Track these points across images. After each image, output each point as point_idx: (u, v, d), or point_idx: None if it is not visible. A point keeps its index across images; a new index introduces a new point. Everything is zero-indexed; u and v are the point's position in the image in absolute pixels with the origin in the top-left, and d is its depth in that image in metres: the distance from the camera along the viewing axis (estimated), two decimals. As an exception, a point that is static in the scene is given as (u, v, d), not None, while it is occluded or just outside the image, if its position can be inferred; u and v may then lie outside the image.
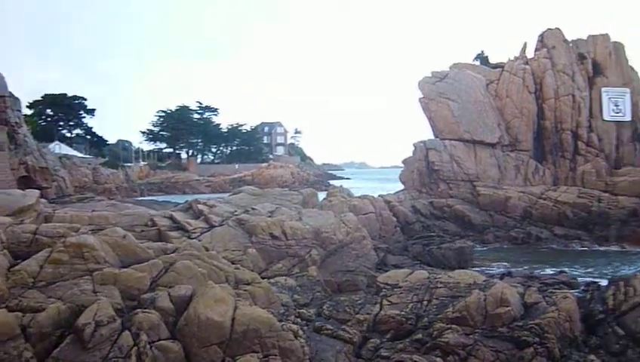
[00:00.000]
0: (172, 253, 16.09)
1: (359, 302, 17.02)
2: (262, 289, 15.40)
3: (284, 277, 19.41)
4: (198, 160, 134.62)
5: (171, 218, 23.16)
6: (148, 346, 11.27)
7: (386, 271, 22.61)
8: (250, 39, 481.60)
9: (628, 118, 48.50)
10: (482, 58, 54.26)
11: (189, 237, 20.93)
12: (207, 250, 18.17)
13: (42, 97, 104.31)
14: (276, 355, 12.14)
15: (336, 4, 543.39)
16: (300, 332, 13.53)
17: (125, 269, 13.87)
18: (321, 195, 37.86)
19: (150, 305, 12.48)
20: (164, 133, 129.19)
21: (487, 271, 27.07)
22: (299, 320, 14.97)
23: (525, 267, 30.05)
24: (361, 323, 15.34)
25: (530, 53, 50.64)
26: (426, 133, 48.40)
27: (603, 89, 48.25)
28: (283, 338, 12.47)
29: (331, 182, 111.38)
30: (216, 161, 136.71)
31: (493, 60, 53.32)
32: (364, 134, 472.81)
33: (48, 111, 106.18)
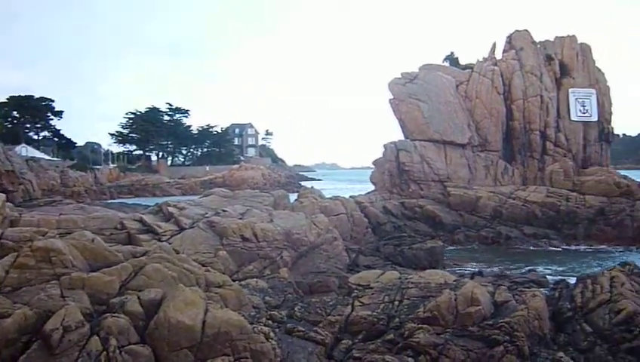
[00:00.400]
0: (142, 256, 15.89)
1: (331, 303, 17.01)
2: (233, 291, 15.30)
3: (255, 280, 19.33)
4: (169, 162, 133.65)
5: (141, 221, 22.94)
6: (117, 351, 11.11)
7: (358, 271, 22.64)
8: (224, 40, 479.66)
9: (594, 118, 49.40)
10: (452, 59, 54.79)
11: (159, 240, 20.75)
12: (177, 252, 17.99)
13: (7, 99, 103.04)
14: (247, 358, 12.05)
15: (307, 5, 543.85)
16: (272, 334, 13.46)
17: (94, 273, 13.66)
18: (293, 197, 37.82)
19: (119, 309, 12.31)
20: (133, 135, 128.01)
21: (458, 271, 27.24)
22: (270, 322, 14.86)
23: (495, 266, 30.29)
24: (332, 324, 15.31)
25: (498, 55, 51.26)
26: (397, 134, 48.69)
27: (570, 90, 49.05)
28: (254, 340, 12.39)
29: (302, 183, 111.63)
30: (186, 163, 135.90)
31: (462, 61, 53.86)
32: (336, 135, 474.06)
33: (14, 113, 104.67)
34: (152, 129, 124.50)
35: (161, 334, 11.79)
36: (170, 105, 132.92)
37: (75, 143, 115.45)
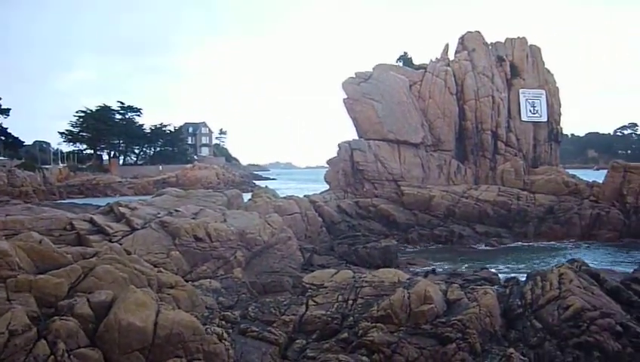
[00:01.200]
0: (92, 257, 15.56)
1: (285, 302, 16.94)
2: (185, 292, 15.14)
3: (208, 280, 19.19)
4: (121, 161, 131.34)
5: (91, 221, 22.52)
6: (66, 355, 10.84)
7: (312, 271, 22.63)
8: (180, 38, 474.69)
9: (544, 118, 50.56)
10: (405, 59, 55.17)
11: (110, 241, 20.40)
12: (129, 253, 17.70)
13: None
14: (200, 359, 11.91)
15: (263, 5, 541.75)
16: (225, 335, 13.32)
17: (41, 275, 13.31)
18: (247, 196, 37.64)
19: (68, 312, 12.02)
20: (84, 133, 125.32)
21: (411, 270, 27.49)
22: (224, 322, 14.75)
23: (448, 264, 30.68)
24: (286, 324, 15.25)
25: (451, 55, 51.88)
26: (351, 134, 48.83)
27: (520, 90, 50.05)
28: (207, 341, 12.25)
29: (257, 182, 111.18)
30: (139, 163, 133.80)
31: (416, 62, 54.26)
32: (290, 134, 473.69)
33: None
34: (104, 127, 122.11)
35: (112, 337, 11.55)
36: (122, 103, 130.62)
37: (23, 142, 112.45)
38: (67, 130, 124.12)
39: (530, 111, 50.09)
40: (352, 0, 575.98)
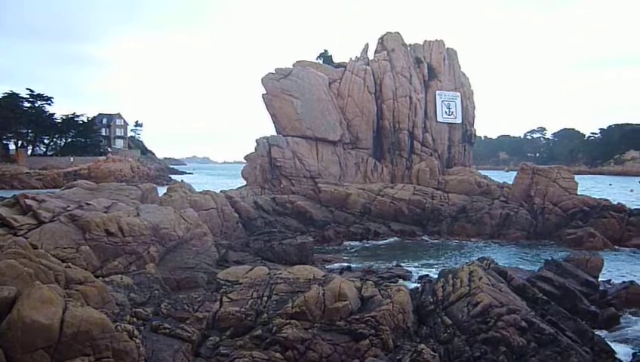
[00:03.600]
0: (-6, 251, 14.84)
1: (198, 299, 16.70)
2: (95, 288, 14.67)
3: (120, 276, 18.63)
4: (29, 152, 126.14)
5: (-5, 214, 21.43)
6: (-37, 353, 10.31)
7: (227, 267, 22.47)
8: (95, 27, 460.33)
9: (459, 120, 51.96)
10: (325, 57, 55.29)
11: (15, 235, 19.46)
12: (35, 248, 16.95)
13: None
14: (109, 357, 11.57)
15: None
16: (136, 332, 12.98)
17: (-62, 270, 12.61)
18: (162, 190, 36.88)
19: (-33, 309, 11.42)
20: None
21: (327, 267, 27.66)
22: (135, 319, 14.40)
23: (364, 261, 30.99)
24: (200, 320, 15.03)
25: (371, 55, 52.45)
26: (270, 130, 48.66)
27: (437, 92, 51.22)
28: (117, 339, 11.90)
29: (173, 176, 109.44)
30: (49, 153, 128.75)
31: (336, 60, 54.53)
32: (208, 129, 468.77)
33: None
34: (11, 116, 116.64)
35: (14, 335, 11.04)
36: (32, 91, 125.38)
37: None
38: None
39: (446, 112, 51.35)
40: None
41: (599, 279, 24.18)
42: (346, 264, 29.25)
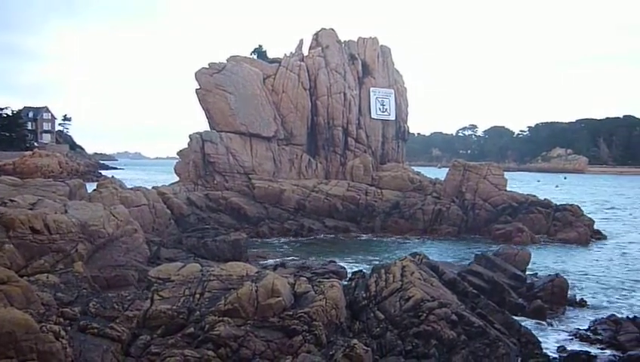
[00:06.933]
0: None
1: (129, 297, 16.32)
2: (19, 288, 14.09)
3: (46, 275, 18.01)
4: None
5: None
6: None
7: (159, 264, 22.03)
8: (26, 15, 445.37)
9: (392, 117, 52.54)
10: (260, 52, 55.02)
11: None
12: (-47, 246, 16.25)
13: None
14: (34, 359, 11.24)
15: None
16: (63, 332, 12.62)
17: None
18: (92, 186, 35.98)
19: None
20: None
21: (261, 263, 27.48)
22: (62, 320, 13.98)
23: (298, 257, 30.95)
24: (130, 319, 14.68)
25: (305, 51, 52.41)
26: (203, 125, 48.04)
27: (371, 89, 51.62)
28: (42, 340, 11.52)
29: (103, 172, 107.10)
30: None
31: (270, 55, 54.32)
32: (140, 124, 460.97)
33: None
34: None
35: None
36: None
37: None
38: None
39: (380, 109, 51.81)
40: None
41: (526, 272, 24.90)
42: (280, 260, 29.15)
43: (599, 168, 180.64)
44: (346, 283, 20.12)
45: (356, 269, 26.56)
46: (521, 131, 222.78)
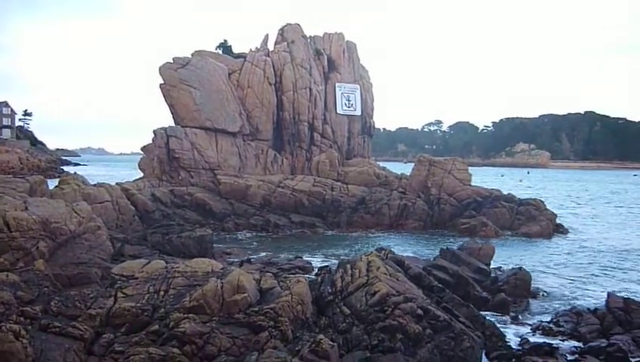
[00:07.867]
0: None
1: (91, 295, 16.07)
2: (-23, 287, 13.82)
3: (5, 273, 17.66)
4: None
5: None
6: None
7: (123, 261, 21.76)
8: None
9: (358, 112, 52.72)
10: (225, 47, 54.64)
11: None
12: None
13: None
14: (-7, 360, 10.95)
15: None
16: (23, 332, 12.42)
17: None
18: (54, 183, 35.41)
19: None
20: None
21: (227, 259, 27.38)
22: (22, 319, 13.75)
23: (264, 253, 30.90)
24: (93, 317, 14.47)
25: (271, 46, 52.24)
26: (168, 120, 47.55)
27: (337, 84, 51.71)
28: (1, 340, 11.34)
29: (65, 168, 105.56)
30: None
31: (235, 50, 53.98)
32: (103, 119, 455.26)
33: None
34: None
35: None
36: None
37: None
38: None
39: (346, 104, 51.93)
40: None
41: (491, 266, 25.24)
42: (246, 256, 29.05)
43: (562, 163, 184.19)
44: (312, 278, 20.11)
45: (322, 265, 26.62)
46: (485, 127, 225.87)
